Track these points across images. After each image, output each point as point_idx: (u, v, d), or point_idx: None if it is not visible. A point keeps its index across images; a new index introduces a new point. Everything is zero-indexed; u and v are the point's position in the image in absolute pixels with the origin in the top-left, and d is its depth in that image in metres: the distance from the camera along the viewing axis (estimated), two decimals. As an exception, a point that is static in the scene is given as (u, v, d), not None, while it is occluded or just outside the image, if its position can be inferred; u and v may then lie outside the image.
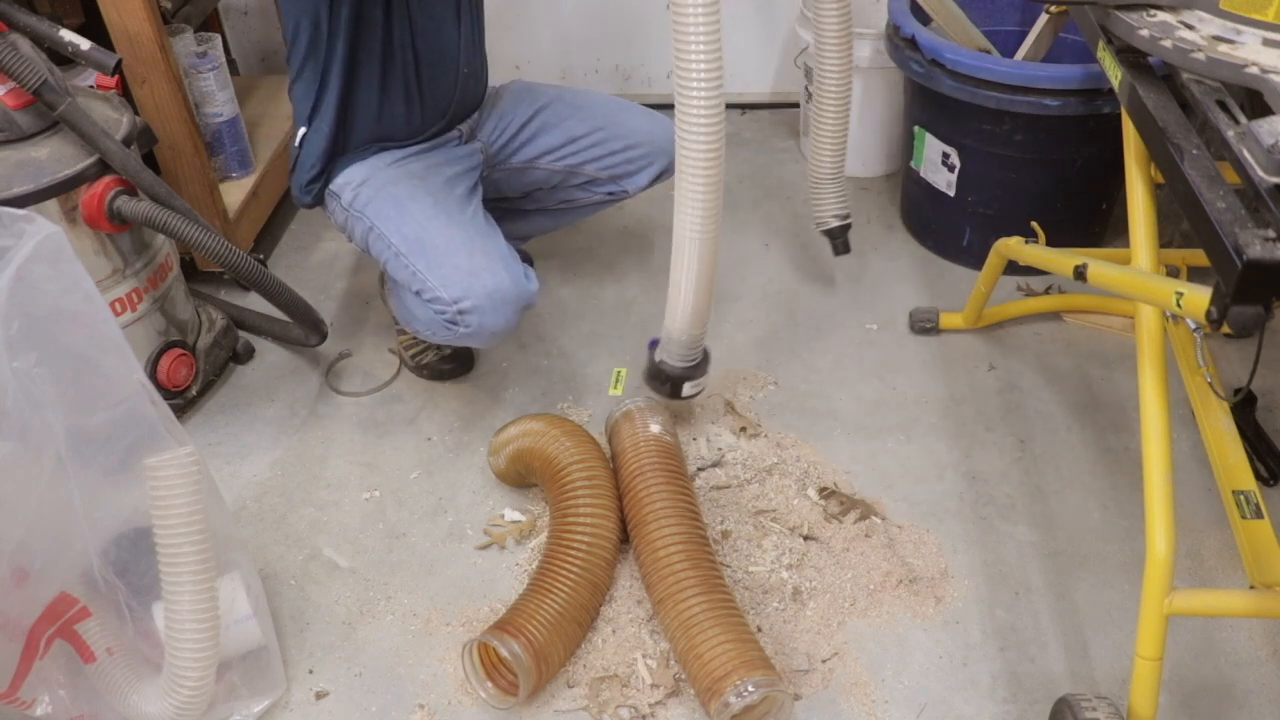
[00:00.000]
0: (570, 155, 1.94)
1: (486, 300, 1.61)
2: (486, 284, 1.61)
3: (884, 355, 2.07)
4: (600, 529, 1.55)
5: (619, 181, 1.97)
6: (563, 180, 1.98)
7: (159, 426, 1.26)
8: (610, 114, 1.95)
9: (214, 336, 2.03)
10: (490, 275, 1.62)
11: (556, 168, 1.95)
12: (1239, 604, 1.30)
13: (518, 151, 1.95)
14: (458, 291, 1.61)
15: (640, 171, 1.95)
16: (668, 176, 1.94)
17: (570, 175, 1.96)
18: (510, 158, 1.95)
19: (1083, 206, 2.21)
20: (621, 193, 1.99)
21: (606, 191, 1.99)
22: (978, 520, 1.72)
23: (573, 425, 1.71)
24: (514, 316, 1.65)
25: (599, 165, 1.94)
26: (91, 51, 1.68)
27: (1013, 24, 2.37)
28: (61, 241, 1.16)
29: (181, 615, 1.28)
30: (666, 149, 1.91)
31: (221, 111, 2.20)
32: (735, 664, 1.35)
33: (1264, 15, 1.23)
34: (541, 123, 1.94)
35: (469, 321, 1.63)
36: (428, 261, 1.65)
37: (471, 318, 1.62)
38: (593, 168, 1.94)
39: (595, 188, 1.99)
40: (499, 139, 1.93)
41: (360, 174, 1.76)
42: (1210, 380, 1.48)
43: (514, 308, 1.64)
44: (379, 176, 1.75)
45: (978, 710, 1.45)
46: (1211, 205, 1.05)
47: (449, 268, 1.63)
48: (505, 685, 1.46)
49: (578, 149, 1.93)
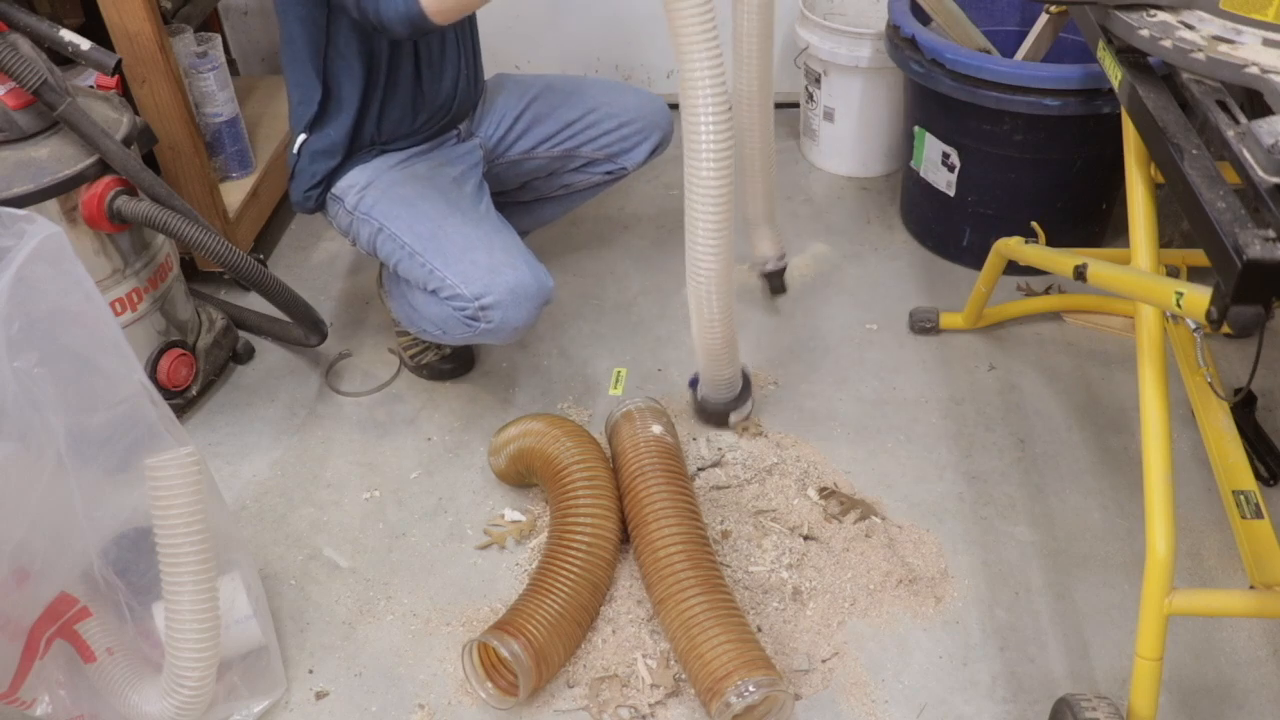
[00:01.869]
0: (565, 140, 1.95)
1: (509, 296, 1.62)
2: (509, 280, 1.62)
3: (884, 355, 2.07)
4: (601, 529, 1.55)
5: (616, 159, 1.98)
6: (561, 165, 1.99)
7: (159, 426, 1.26)
8: (601, 94, 1.96)
9: (214, 336, 2.03)
10: (512, 271, 1.63)
11: (554, 154, 1.96)
12: (1239, 604, 1.30)
13: (514, 144, 1.95)
14: (479, 288, 1.62)
15: (636, 147, 1.96)
16: (663, 149, 1.99)
17: (567, 159, 1.97)
18: (507, 151, 1.96)
19: (1083, 206, 2.21)
20: (620, 170, 2.00)
21: (604, 171, 2.00)
22: (978, 520, 1.72)
23: (573, 425, 1.71)
24: (535, 312, 1.66)
25: (594, 146, 1.95)
26: (91, 51, 1.68)
27: (1013, 24, 2.37)
28: (62, 242, 1.16)
29: (182, 615, 1.28)
30: (659, 123, 1.96)
31: (221, 111, 2.20)
32: (736, 664, 1.35)
33: (1264, 15, 1.23)
34: (535, 113, 1.95)
35: (491, 317, 1.63)
36: (445, 259, 1.65)
37: (494, 313, 1.63)
38: (589, 149, 1.95)
39: (593, 169, 2.00)
40: (495, 134, 1.94)
41: (364, 177, 1.76)
42: (1210, 380, 1.48)
43: (535, 303, 1.65)
44: (383, 179, 1.75)
45: (978, 710, 1.45)
46: (1211, 205, 1.05)
47: (468, 264, 1.64)
48: (505, 685, 1.46)
49: (572, 133, 1.95)
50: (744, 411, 1.87)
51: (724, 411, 1.85)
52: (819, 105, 2.60)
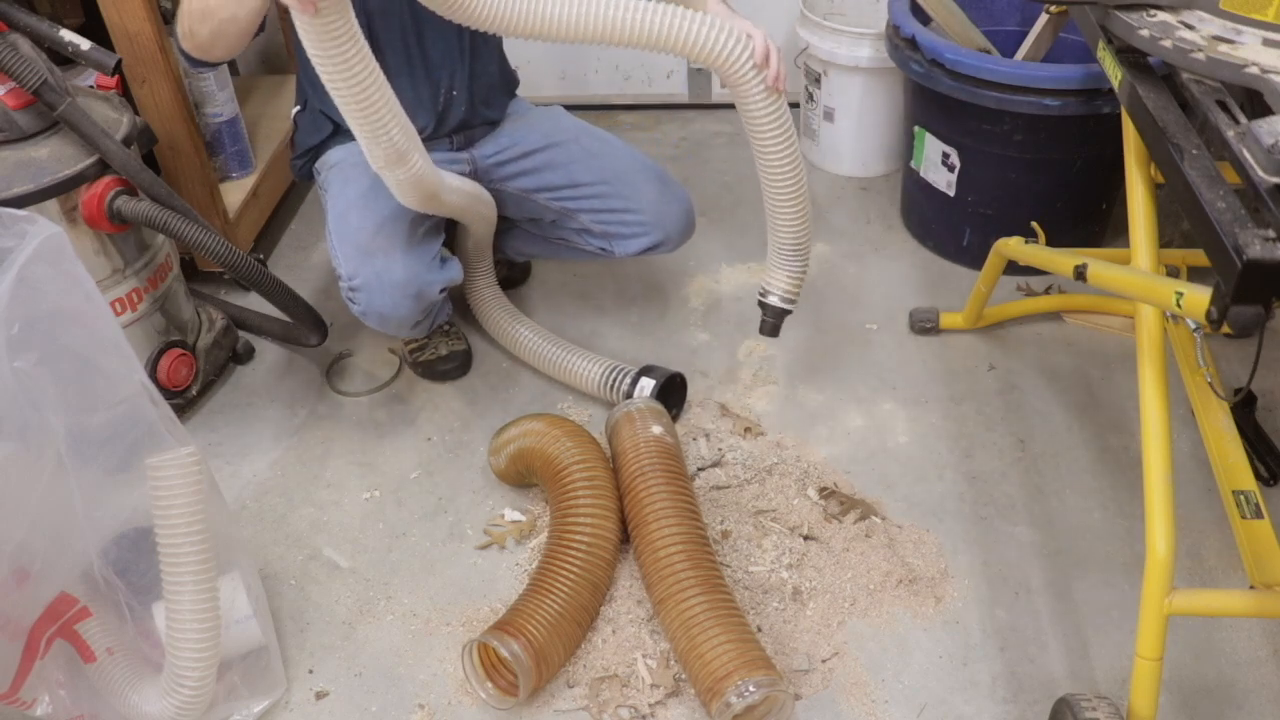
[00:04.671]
0: (568, 200, 1.88)
1: (375, 280, 1.64)
2: (376, 265, 1.64)
3: (884, 355, 2.07)
4: (601, 529, 1.56)
5: (609, 240, 1.89)
6: (558, 219, 1.92)
7: (159, 426, 1.26)
8: (622, 171, 1.86)
9: (214, 336, 2.03)
10: (383, 257, 1.64)
11: (553, 206, 1.90)
12: (1239, 604, 1.30)
13: (516, 177, 1.89)
14: (351, 268, 1.66)
15: (633, 238, 1.87)
16: (663, 251, 1.89)
17: (565, 217, 1.91)
18: (506, 180, 1.89)
19: (1083, 206, 2.21)
20: (609, 253, 1.91)
21: (597, 246, 1.92)
22: (978, 520, 1.72)
23: (574, 425, 1.71)
24: (404, 302, 1.66)
25: (593, 218, 1.87)
26: (91, 51, 1.68)
27: (1013, 24, 2.37)
28: (63, 242, 1.16)
29: (182, 615, 1.28)
30: (665, 225, 1.85)
31: (221, 111, 2.20)
32: (737, 664, 1.36)
33: (1264, 15, 1.23)
34: (550, 157, 1.88)
35: (358, 299, 1.67)
36: (340, 238, 1.70)
37: (360, 295, 1.66)
38: (587, 218, 1.88)
39: (588, 238, 1.92)
40: (496, 157, 1.88)
41: (338, 156, 1.81)
42: (1210, 380, 1.48)
43: (403, 293, 1.65)
44: (349, 160, 1.77)
45: (978, 710, 1.45)
46: (1211, 205, 1.05)
47: (350, 245, 1.67)
48: (505, 685, 1.46)
49: (577, 195, 1.87)
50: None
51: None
52: (819, 105, 2.60)
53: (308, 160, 1.88)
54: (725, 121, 2.92)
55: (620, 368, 1.90)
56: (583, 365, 1.93)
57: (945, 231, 2.32)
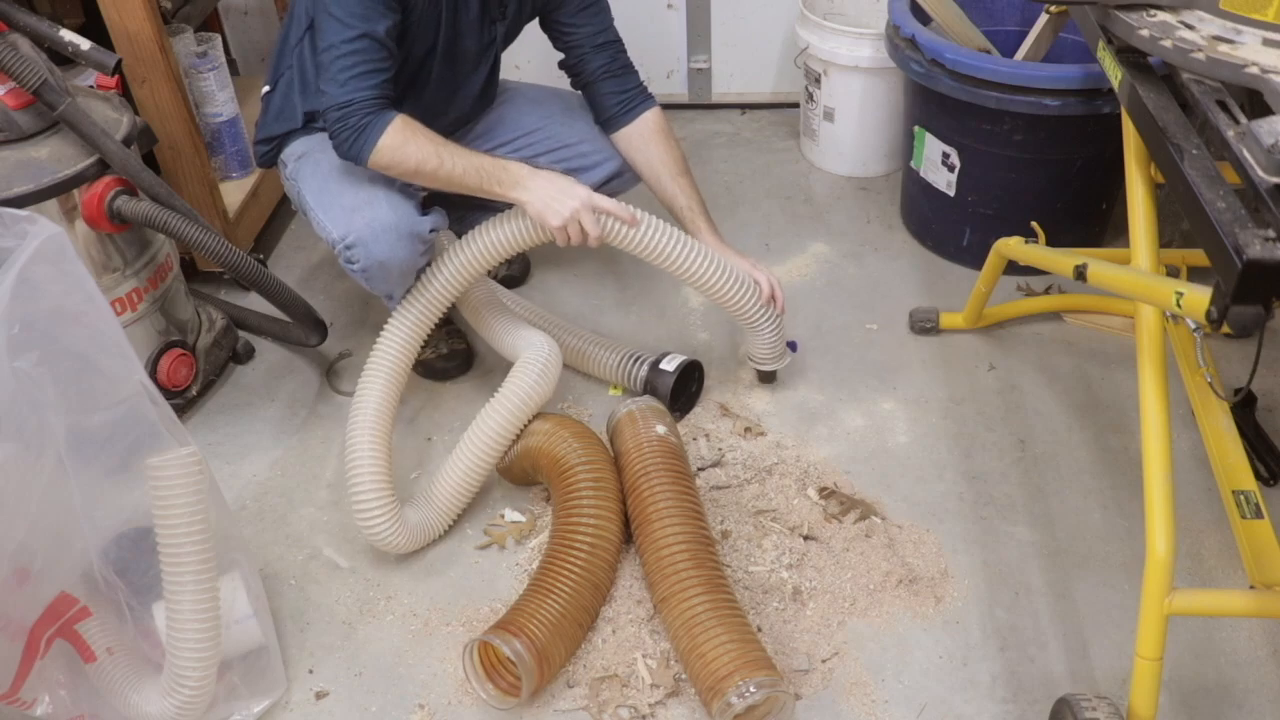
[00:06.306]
0: (525, 147, 1.94)
1: (367, 230, 1.64)
2: (365, 215, 1.65)
3: (884, 355, 2.07)
4: (603, 531, 1.56)
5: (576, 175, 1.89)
6: None
7: (159, 426, 1.26)
8: (567, 107, 1.96)
9: (214, 336, 2.03)
10: (370, 208, 1.66)
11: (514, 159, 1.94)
12: (1239, 604, 1.30)
13: (473, 142, 1.93)
14: (342, 229, 1.66)
15: (594, 168, 1.93)
16: (617, 183, 1.95)
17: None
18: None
19: (1083, 206, 2.21)
20: None
21: None
22: (978, 520, 1.72)
23: (580, 426, 1.71)
24: (400, 244, 1.66)
25: (551, 158, 1.92)
26: (91, 51, 1.68)
27: (1013, 24, 2.37)
28: (64, 242, 1.16)
29: (183, 615, 1.28)
30: (614, 155, 1.93)
31: (221, 111, 2.20)
32: (738, 664, 1.36)
33: (1264, 15, 1.23)
34: (498, 115, 1.97)
35: (356, 256, 1.66)
36: (324, 207, 1.70)
37: (358, 251, 1.66)
38: (545, 159, 1.92)
39: None
40: (455, 131, 1.91)
41: (303, 148, 1.80)
42: (1210, 380, 1.48)
43: (396, 234, 1.65)
44: (318, 149, 1.77)
45: (978, 710, 1.45)
46: (1211, 205, 1.05)
47: (336, 209, 1.68)
48: (505, 685, 1.46)
49: (531, 141, 1.94)
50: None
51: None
52: (819, 105, 2.60)
53: (272, 149, 1.86)
54: (725, 121, 2.93)
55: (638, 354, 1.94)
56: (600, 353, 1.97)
57: (945, 231, 2.32)
